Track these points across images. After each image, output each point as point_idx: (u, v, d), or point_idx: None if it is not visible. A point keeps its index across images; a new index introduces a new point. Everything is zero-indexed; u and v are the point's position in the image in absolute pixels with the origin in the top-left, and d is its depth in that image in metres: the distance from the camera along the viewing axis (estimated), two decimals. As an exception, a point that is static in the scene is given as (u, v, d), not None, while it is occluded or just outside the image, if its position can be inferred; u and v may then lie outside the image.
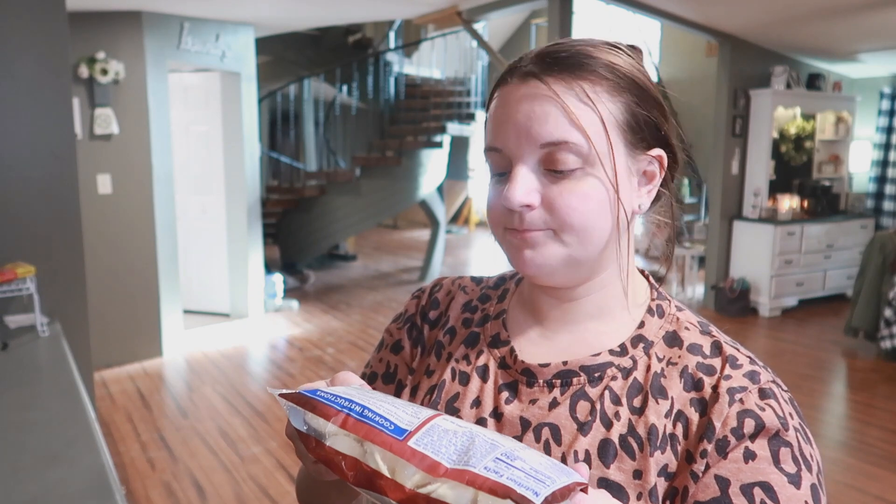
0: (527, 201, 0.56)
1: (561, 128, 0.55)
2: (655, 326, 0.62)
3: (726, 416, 0.54)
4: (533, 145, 0.56)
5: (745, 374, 0.56)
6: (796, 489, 0.52)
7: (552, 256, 0.58)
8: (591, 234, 0.57)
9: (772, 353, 4.74)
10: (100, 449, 1.35)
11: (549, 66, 0.57)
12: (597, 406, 0.59)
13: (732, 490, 0.52)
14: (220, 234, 5.35)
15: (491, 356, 0.66)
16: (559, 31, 4.26)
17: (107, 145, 4.16)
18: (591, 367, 0.61)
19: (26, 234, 2.38)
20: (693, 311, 0.66)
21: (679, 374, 0.58)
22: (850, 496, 2.74)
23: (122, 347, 4.32)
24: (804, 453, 0.54)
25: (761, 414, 0.54)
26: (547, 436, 0.59)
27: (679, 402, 0.57)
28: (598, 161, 0.56)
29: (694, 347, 0.59)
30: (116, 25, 4.16)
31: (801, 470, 0.53)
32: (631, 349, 0.61)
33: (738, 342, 0.62)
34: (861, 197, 6.27)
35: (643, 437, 0.56)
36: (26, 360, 1.93)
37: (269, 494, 2.74)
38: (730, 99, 5.51)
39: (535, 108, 0.56)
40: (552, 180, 0.57)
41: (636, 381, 0.59)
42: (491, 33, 9.36)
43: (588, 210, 0.56)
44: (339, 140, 7.55)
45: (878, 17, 4.32)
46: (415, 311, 0.76)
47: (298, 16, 5.24)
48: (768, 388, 0.55)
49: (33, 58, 2.37)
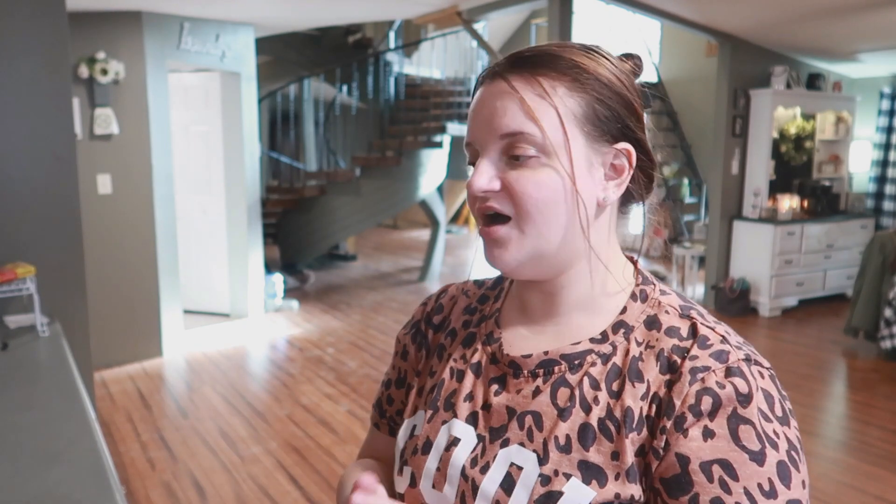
0: (487, 187, 0.61)
1: (517, 120, 0.60)
2: (637, 311, 0.64)
3: (686, 394, 0.55)
4: (494, 136, 0.61)
5: (713, 353, 0.57)
6: (759, 466, 0.52)
7: (519, 251, 0.62)
8: (548, 222, 0.61)
9: (772, 353, 4.74)
10: (100, 449, 1.35)
11: (514, 66, 0.62)
12: (576, 392, 0.61)
13: (692, 467, 0.53)
14: (220, 234, 5.35)
15: (484, 353, 0.70)
16: (559, 31, 4.26)
17: (107, 145, 4.16)
18: (572, 356, 0.63)
19: (26, 234, 2.38)
20: (685, 296, 0.67)
21: (655, 357, 0.59)
22: (850, 496, 2.74)
23: (122, 347, 4.32)
24: (766, 431, 0.54)
25: (720, 392, 0.54)
26: (530, 423, 0.62)
27: (654, 384, 0.58)
28: (555, 152, 0.60)
29: (671, 330, 0.61)
30: (116, 25, 4.17)
31: (765, 447, 0.53)
32: (612, 335, 0.63)
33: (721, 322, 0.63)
34: (861, 197, 6.27)
35: (620, 419, 0.58)
36: (26, 360, 1.93)
37: (269, 494, 2.74)
38: (730, 99, 5.51)
39: (496, 104, 0.61)
40: (512, 167, 0.61)
41: (615, 365, 0.61)
42: (491, 33, 9.36)
43: (543, 197, 0.60)
44: (339, 140, 7.55)
45: (878, 17, 4.32)
46: (420, 318, 0.80)
47: (298, 16, 5.25)
48: (736, 367, 0.56)
49: (33, 58, 2.37)
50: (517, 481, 0.60)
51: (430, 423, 0.69)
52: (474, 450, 0.64)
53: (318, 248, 7.00)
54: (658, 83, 7.88)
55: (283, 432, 3.32)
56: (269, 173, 7.68)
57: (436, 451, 0.67)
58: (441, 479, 0.65)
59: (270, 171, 7.74)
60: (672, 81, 7.99)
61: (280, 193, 6.80)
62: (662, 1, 4.56)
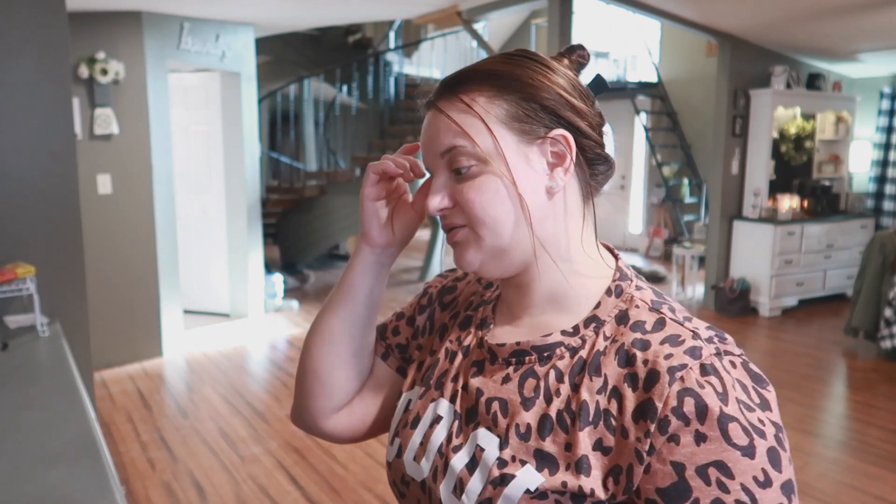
0: (440, 206, 0.66)
1: (449, 137, 0.65)
2: (610, 306, 0.66)
3: (667, 395, 0.55)
4: (436, 157, 0.67)
5: (686, 350, 0.57)
6: (751, 460, 0.54)
7: (478, 251, 0.66)
8: (497, 222, 0.64)
9: (772, 353, 4.74)
10: (100, 449, 1.35)
11: (440, 92, 0.67)
12: (541, 383, 0.64)
13: (688, 473, 0.54)
14: (220, 234, 5.35)
15: (475, 337, 0.74)
16: (559, 31, 4.26)
17: (107, 145, 4.16)
18: (542, 347, 0.66)
19: (26, 234, 2.38)
20: (661, 292, 0.69)
21: (616, 351, 0.61)
22: (850, 496, 2.74)
23: (122, 347, 4.32)
24: (752, 422, 0.55)
25: (701, 392, 0.55)
26: (496, 408, 0.65)
27: (613, 378, 0.59)
28: (489, 158, 0.64)
29: (637, 325, 0.62)
30: (116, 25, 4.17)
31: (753, 439, 0.54)
32: (583, 329, 0.65)
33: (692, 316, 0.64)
34: (861, 197, 6.27)
35: (575, 412, 0.60)
36: (26, 360, 1.93)
37: (269, 494, 2.74)
38: (730, 99, 5.51)
39: (431, 128, 0.67)
40: (457, 181, 0.66)
41: (581, 359, 0.63)
42: (491, 33, 9.36)
43: (484, 200, 0.64)
44: (339, 140, 7.54)
45: (878, 17, 4.32)
46: (435, 288, 0.85)
47: (298, 16, 5.25)
48: (709, 364, 0.57)
49: (33, 58, 2.37)
50: (479, 462, 0.63)
51: (421, 400, 0.73)
52: (450, 428, 0.68)
53: (318, 248, 7.00)
54: (658, 83, 7.88)
55: (283, 432, 3.32)
56: (269, 173, 7.68)
57: (421, 427, 0.71)
58: (422, 452, 0.69)
59: (270, 171, 7.74)
60: (672, 81, 7.99)
61: (280, 193, 6.80)
62: (662, 1, 4.56)
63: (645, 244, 8.26)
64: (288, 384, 4.01)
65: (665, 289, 6.45)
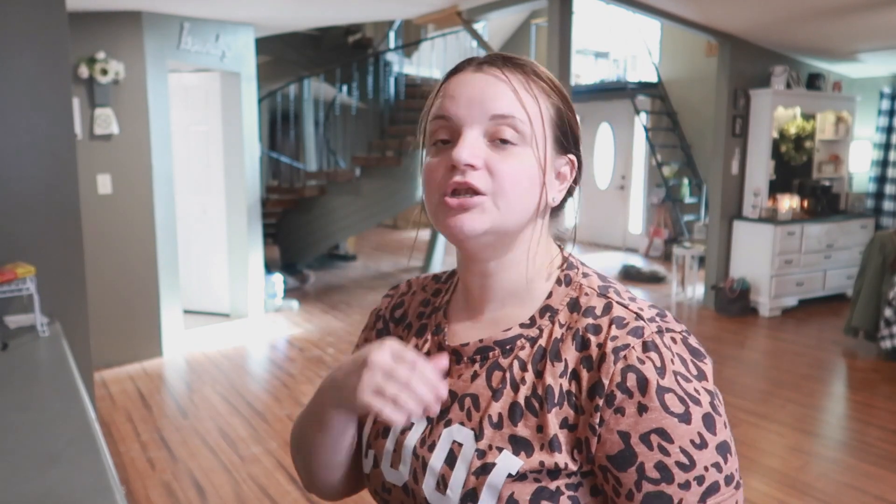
0: (472, 160, 0.64)
1: (510, 104, 0.65)
2: (561, 295, 0.70)
3: (612, 373, 0.61)
4: (483, 115, 0.65)
5: (630, 331, 0.63)
6: (687, 425, 0.60)
7: (485, 221, 0.65)
8: (519, 204, 0.66)
9: (772, 353, 4.74)
10: (100, 449, 1.35)
11: (505, 61, 0.68)
12: (507, 374, 0.67)
13: (633, 440, 0.60)
14: (220, 234, 5.35)
15: (432, 342, 0.76)
16: (559, 31, 4.26)
17: (107, 145, 4.16)
18: (504, 341, 0.69)
19: (26, 234, 2.38)
20: (605, 276, 0.72)
21: (572, 337, 0.65)
22: (850, 496, 2.74)
23: (122, 347, 4.32)
24: (688, 391, 0.61)
25: (642, 367, 0.61)
26: (469, 404, 0.68)
27: (572, 362, 0.64)
28: (534, 143, 0.66)
29: (588, 311, 0.67)
30: (116, 25, 4.17)
31: (689, 407, 0.60)
32: (539, 319, 0.69)
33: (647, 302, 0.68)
34: (861, 197, 6.26)
35: (542, 396, 0.64)
36: (26, 360, 1.93)
37: (269, 494, 2.74)
38: (730, 99, 5.51)
39: (490, 86, 0.66)
40: (494, 149, 0.65)
41: (540, 347, 0.67)
42: (491, 33, 9.35)
43: (521, 181, 0.66)
44: (339, 140, 7.54)
45: (878, 17, 4.32)
46: (384, 310, 0.86)
47: (298, 16, 5.24)
48: (651, 341, 0.62)
49: (33, 58, 2.37)
50: (458, 456, 0.66)
51: None
52: (423, 431, 0.71)
53: (318, 248, 7.00)
54: (658, 83, 7.88)
55: (283, 432, 3.32)
56: (269, 173, 7.68)
57: (392, 435, 0.73)
58: (397, 458, 0.71)
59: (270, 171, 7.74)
60: (672, 81, 7.98)
61: (280, 193, 6.80)
62: (662, 1, 4.56)
63: (645, 244, 8.26)
64: (288, 384, 4.01)
65: (665, 289, 6.45)
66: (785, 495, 2.73)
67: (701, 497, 0.59)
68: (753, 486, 2.80)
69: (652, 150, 7.75)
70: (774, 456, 3.09)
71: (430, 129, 0.69)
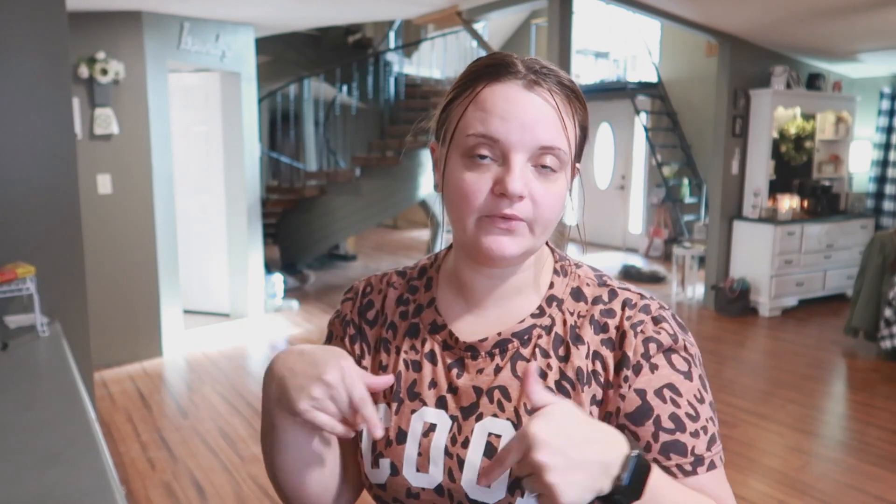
0: (524, 192, 0.65)
1: (557, 136, 0.66)
2: (562, 285, 0.75)
3: (635, 345, 0.68)
4: (532, 144, 0.65)
5: (640, 309, 0.70)
6: (690, 382, 0.68)
7: (522, 246, 0.68)
8: (550, 228, 0.70)
9: (772, 353, 4.74)
10: (100, 449, 1.35)
11: (546, 78, 0.67)
12: (532, 363, 0.67)
13: (649, 396, 0.67)
14: (220, 234, 5.35)
15: (434, 342, 0.75)
16: (559, 31, 4.26)
17: (107, 145, 4.16)
18: (521, 332, 0.72)
19: (26, 234, 2.38)
20: (593, 266, 0.78)
21: (589, 323, 0.71)
22: (850, 496, 2.74)
23: (122, 347, 4.32)
24: (689, 352, 0.70)
25: (658, 336, 0.68)
26: (499, 396, 0.70)
27: (594, 345, 0.70)
28: (566, 168, 0.69)
29: (597, 300, 0.73)
30: (116, 25, 4.16)
31: (690, 367, 0.69)
32: (547, 308, 0.73)
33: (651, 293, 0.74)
34: (861, 197, 6.26)
35: (573, 378, 0.69)
36: (26, 360, 1.93)
37: (268, 494, 2.74)
38: (730, 99, 5.51)
39: (541, 112, 0.66)
40: (538, 178, 0.66)
41: (557, 334, 0.71)
42: (491, 33, 9.35)
43: (557, 208, 0.69)
44: (339, 140, 7.54)
45: (878, 17, 4.32)
46: (351, 313, 0.82)
47: (298, 16, 5.24)
48: (658, 315, 0.70)
49: (33, 58, 2.37)
50: (498, 448, 0.68)
51: (398, 415, 0.73)
52: (451, 430, 0.70)
53: (318, 248, 7.00)
54: (658, 83, 7.88)
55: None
56: (269, 173, 7.68)
57: (413, 439, 0.71)
58: (424, 462, 0.71)
59: (270, 171, 7.74)
60: (672, 81, 7.98)
61: (280, 193, 6.80)
62: (662, 1, 4.56)
63: (645, 244, 8.26)
64: (288, 384, 4.00)
65: (665, 289, 6.45)
66: (785, 495, 2.73)
67: (707, 446, 0.67)
68: (753, 486, 2.80)
69: (652, 150, 7.74)
70: (774, 456, 3.09)
71: (469, 142, 0.66)
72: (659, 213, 8.01)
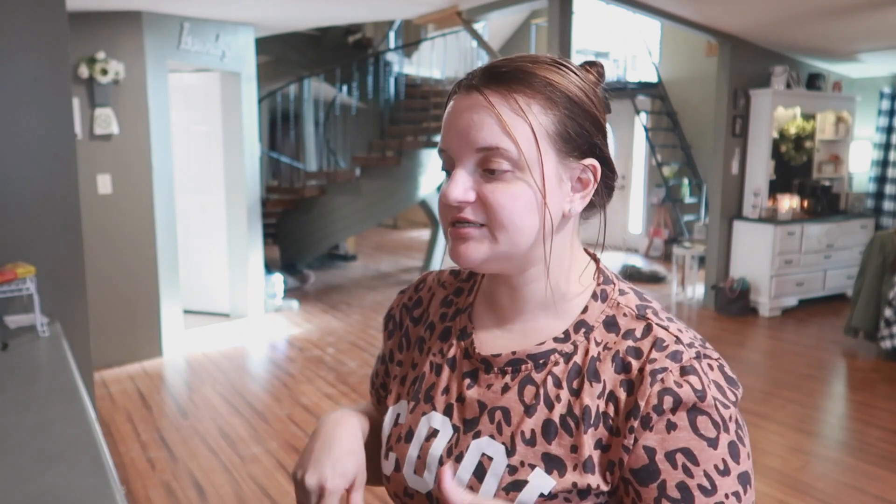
0: (462, 198, 0.64)
1: (494, 135, 0.62)
2: (597, 311, 0.69)
3: (648, 395, 0.61)
4: (470, 149, 0.64)
5: (668, 354, 0.62)
6: (714, 450, 0.60)
7: (483, 251, 0.65)
8: (518, 231, 0.64)
9: (772, 353, 4.74)
10: (100, 449, 1.35)
11: (490, 80, 0.64)
12: (541, 390, 0.66)
13: (658, 457, 0.60)
14: (220, 234, 5.35)
15: (458, 348, 0.74)
16: (559, 31, 4.26)
17: (107, 145, 4.16)
18: (537, 355, 0.68)
19: (26, 234, 2.38)
20: (642, 294, 0.71)
21: (612, 358, 0.65)
22: (850, 496, 2.74)
23: (122, 347, 4.32)
24: (723, 416, 0.61)
25: (679, 391, 0.60)
26: (499, 417, 0.68)
27: (611, 383, 0.64)
28: (528, 167, 0.63)
29: (628, 333, 0.66)
30: (116, 25, 4.16)
31: (719, 434, 0.60)
32: (573, 335, 0.68)
33: (685, 325, 0.67)
34: (861, 197, 6.26)
35: (579, 416, 0.64)
36: (26, 360, 1.93)
37: (269, 494, 2.74)
38: (730, 99, 5.51)
39: (474, 117, 0.63)
40: (486, 180, 0.64)
41: (576, 364, 0.66)
42: (491, 33, 9.35)
43: (515, 209, 0.63)
44: (339, 140, 7.54)
45: (878, 17, 4.32)
46: (398, 308, 0.85)
47: (298, 16, 5.24)
48: (689, 366, 0.62)
49: (33, 58, 2.37)
50: (488, 470, 0.66)
51: (412, 414, 0.74)
52: (450, 440, 0.70)
53: (318, 248, 7.00)
54: (658, 83, 7.87)
55: (283, 432, 3.32)
56: (269, 173, 7.67)
57: (417, 441, 0.72)
58: (421, 466, 0.71)
59: (270, 171, 7.74)
60: (672, 81, 7.98)
61: (280, 193, 6.79)
62: (662, 1, 4.56)
63: (645, 244, 8.26)
64: (288, 384, 4.01)
65: (665, 289, 6.45)
66: (785, 495, 2.73)
67: None
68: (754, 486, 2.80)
69: (652, 150, 7.75)
70: (774, 456, 3.09)
71: (441, 159, 0.68)
72: (659, 213, 8.01)
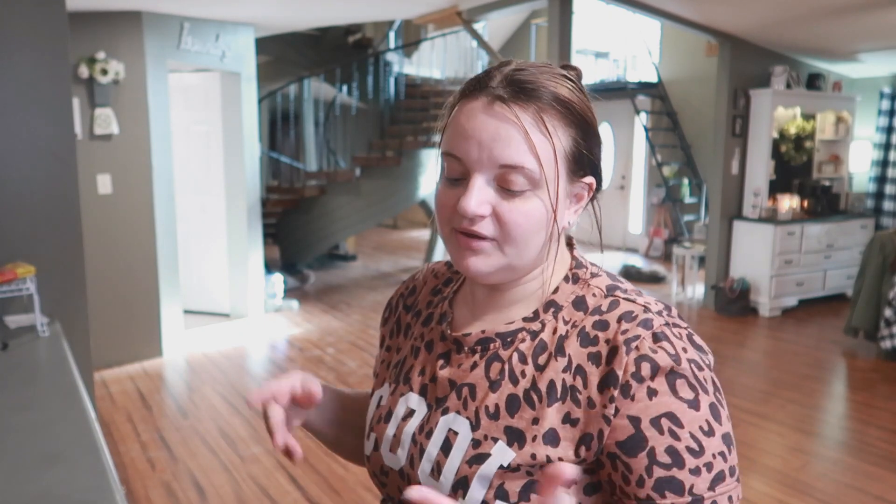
0: (480, 212, 0.64)
1: (521, 154, 0.63)
2: (567, 292, 0.70)
3: (625, 363, 0.61)
4: (493, 163, 0.64)
5: (639, 323, 0.63)
6: (696, 411, 0.61)
7: (492, 264, 0.67)
8: (527, 247, 0.66)
9: (772, 353, 4.74)
10: (100, 449, 1.35)
11: (517, 94, 0.64)
12: (506, 366, 0.68)
13: (644, 425, 0.60)
14: (220, 234, 5.35)
15: (436, 331, 0.77)
16: (559, 31, 4.26)
17: (107, 145, 4.16)
18: (505, 334, 0.70)
19: (26, 234, 2.38)
20: (615, 276, 0.72)
21: (577, 334, 0.66)
22: (850, 496, 2.74)
23: (122, 347, 4.32)
24: (699, 378, 0.62)
25: (654, 356, 0.61)
26: (466, 393, 0.69)
27: (577, 357, 0.65)
28: (545, 186, 0.64)
29: (595, 310, 0.67)
30: (116, 25, 4.16)
31: (698, 394, 0.61)
32: (542, 314, 0.70)
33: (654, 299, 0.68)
34: (861, 197, 6.26)
35: (543, 391, 0.65)
36: (26, 360, 1.93)
37: (269, 494, 2.74)
38: (730, 99, 5.51)
39: (501, 131, 0.63)
40: (503, 197, 0.64)
41: (542, 341, 0.68)
42: (491, 33, 9.35)
43: (529, 227, 0.65)
44: (339, 140, 7.54)
45: (878, 17, 4.32)
46: (396, 297, 0.88)
47: (298, 16, 5.24)
48: (660, 332, 0.63)
49: (33, 58, 2.37)
50: (453, 445, 0.67)
51: (392, 396, 0.77)
52: (423, 419, 0.72)
53: (318, 248, 7.00)
54: (658, 83, 7.87)
55: (283, 432, 3.32)
56: (269, 173, 7.68)
57: (394, 420, 0.75)
58: (396, 443, 0.73)
59: (270, 171, 7.74)
60: (672, 81, 7.98)
61: (280, 193, 6.80)
62: (662, 1, 4.56)
63: (645, 244, 8.25)
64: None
65: (665, 289, 6.45)
66: (785, 495, 2.73)
67: (710, 485, 0.60)
68: (753, 486, 2.80)
69: (652, 150, 7.75)
70: (774, 456, 3.09)
71: (443, 159, 0.68)
72: (659, 213, 8.01)
